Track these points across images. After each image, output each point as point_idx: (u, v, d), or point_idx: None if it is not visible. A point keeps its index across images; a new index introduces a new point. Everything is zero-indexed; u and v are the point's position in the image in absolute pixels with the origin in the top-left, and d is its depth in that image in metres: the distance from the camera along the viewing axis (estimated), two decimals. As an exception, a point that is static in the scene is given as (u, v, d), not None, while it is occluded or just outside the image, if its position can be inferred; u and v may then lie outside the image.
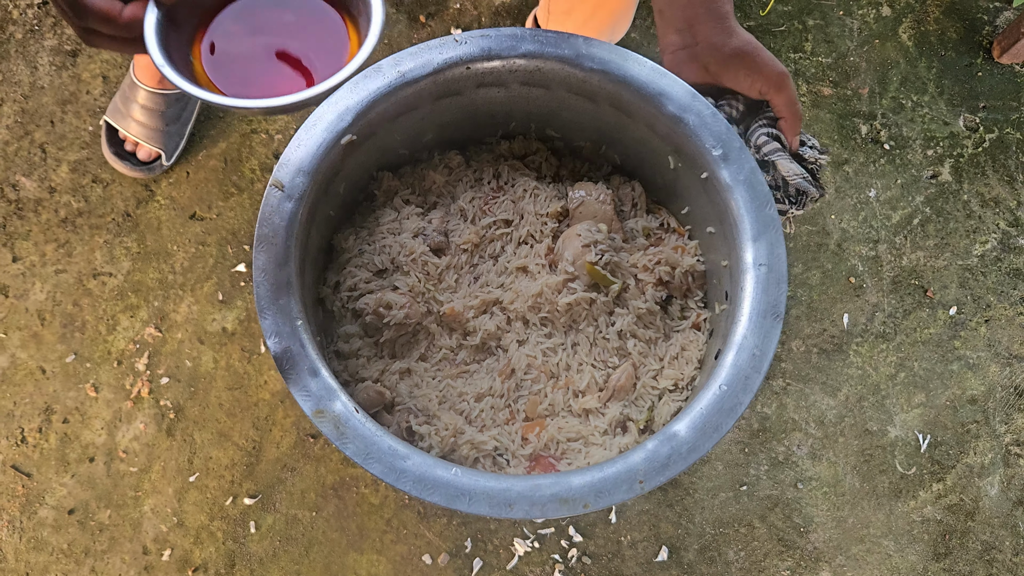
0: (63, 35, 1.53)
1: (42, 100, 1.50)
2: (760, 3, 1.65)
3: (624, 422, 0.81)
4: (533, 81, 0.83)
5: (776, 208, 0.76)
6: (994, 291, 1.52)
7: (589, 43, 0.80)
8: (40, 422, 1.37)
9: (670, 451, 0.68)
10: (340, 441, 0.67)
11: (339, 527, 1.35)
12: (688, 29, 0.79)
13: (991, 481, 1.43)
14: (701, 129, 0.78)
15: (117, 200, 1.47)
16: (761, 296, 0.73)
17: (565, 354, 0.83)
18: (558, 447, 0.79)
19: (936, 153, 1.59)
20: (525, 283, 0.84)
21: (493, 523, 1.36)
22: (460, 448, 0.77)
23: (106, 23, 0.55)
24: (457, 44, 0.80)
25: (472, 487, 0.66)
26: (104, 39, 0.56)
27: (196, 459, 1.37)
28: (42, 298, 1.42)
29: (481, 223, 0.87)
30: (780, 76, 0.78)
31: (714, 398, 0.70)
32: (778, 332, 0.72)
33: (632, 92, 0.80)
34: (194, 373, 1.40)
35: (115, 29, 0.56)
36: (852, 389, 1.46)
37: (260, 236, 0.73)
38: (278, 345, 0.69)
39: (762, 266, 0.73)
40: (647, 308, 0.84)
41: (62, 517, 1.34)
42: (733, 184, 0.76)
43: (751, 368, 0.71)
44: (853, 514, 1.40)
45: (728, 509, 1.39)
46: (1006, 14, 1.67)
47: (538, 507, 0.66)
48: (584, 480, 0.67)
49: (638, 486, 0.67)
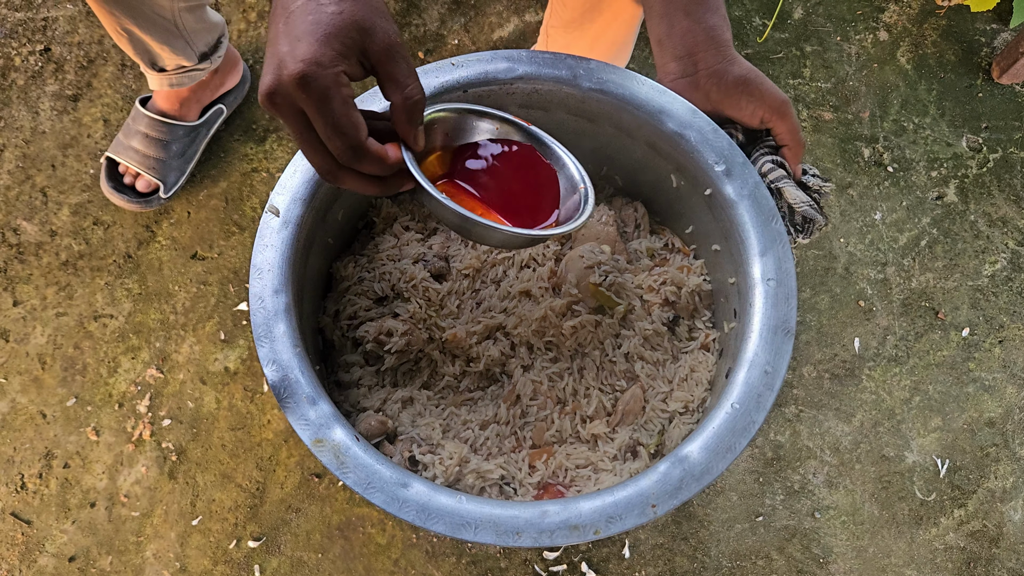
0: (64, 80, 1.54)
1: (43, 145, 1.51)
2: (757, 31, 1.65)
3: (634, 447, 0.79)
4: (531, 103, 0.82)
5: (782, 222, 0.74)
6: (1006, 311, 1.50)
7: (586, 63, 0.80)
8: (40, 467, 1.35)
9: (682, 473, 0.65)
10: (340, 471, 0.65)
11: (346, 568, 1.31)
12: (688, 57, 0.78)
13: (1014, 506, 1.39)
14: (703, 145, 0.77)
15: (118, 242, 1.46)
16: (771, 311, 0.71)
17: (572, 379, 0.81)
18: (567, 474, 0.77)
19: (940, 174, 1.58)
20: (528, 307, 0.83)
21: (503, 561, 1.33)
22: (465, 477, 0.75)
23: (379, 164, 0.59)
24: (454, 68, 0.80)
25: (477, 515, 0.63)
26: (354, 176, 0.61)
27: (199, 502, 1.34)
28: (43, 342, 1.40)
29: (482, 248, 0.85)
30: (782, 104, 0.78)
31: (726, 418, 0.67)
32: (790, 348, 0.70)
33: (632, 111, 0.79)
34: (196, 414, 1.38)
35: (383, 169, 0.60)
36: (867, 414, 1.43)
37: (256, 263, 0.71)
38: (275, 373, 0.68)
39: (771, 280, 0.72)
40: (654, 329, 0.82)
41: (63, 565, 1.31)
42: (738, 199, 0.75)
43: (763, 386, 0.68)
44: (873, 543, 1.36)
45: (745, 541, 1.36)
46: (1003, 35, 1.68)
47: (547, 534, 0.63)
48: (594, 505, 0.64)
49: (651, 511, 0.64)
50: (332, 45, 0.55)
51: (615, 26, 1.21)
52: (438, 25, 1.63)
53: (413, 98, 0.60)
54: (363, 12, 0.57)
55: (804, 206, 0.79)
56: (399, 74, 0.59)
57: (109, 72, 1.56)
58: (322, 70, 0.54)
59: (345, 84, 0.56)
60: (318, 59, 0.54)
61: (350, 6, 0.56)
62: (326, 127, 0.56)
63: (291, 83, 0.54)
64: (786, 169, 0.81)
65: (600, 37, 1.24)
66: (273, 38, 0.57)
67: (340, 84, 0.55)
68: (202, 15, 1.27)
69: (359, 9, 0.57)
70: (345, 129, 0.56)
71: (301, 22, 0.55)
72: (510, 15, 1.64)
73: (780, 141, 0.81)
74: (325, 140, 0.57)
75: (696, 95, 0.79)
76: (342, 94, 0.56)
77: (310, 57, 0.54)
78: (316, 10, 0.56)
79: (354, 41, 0.56)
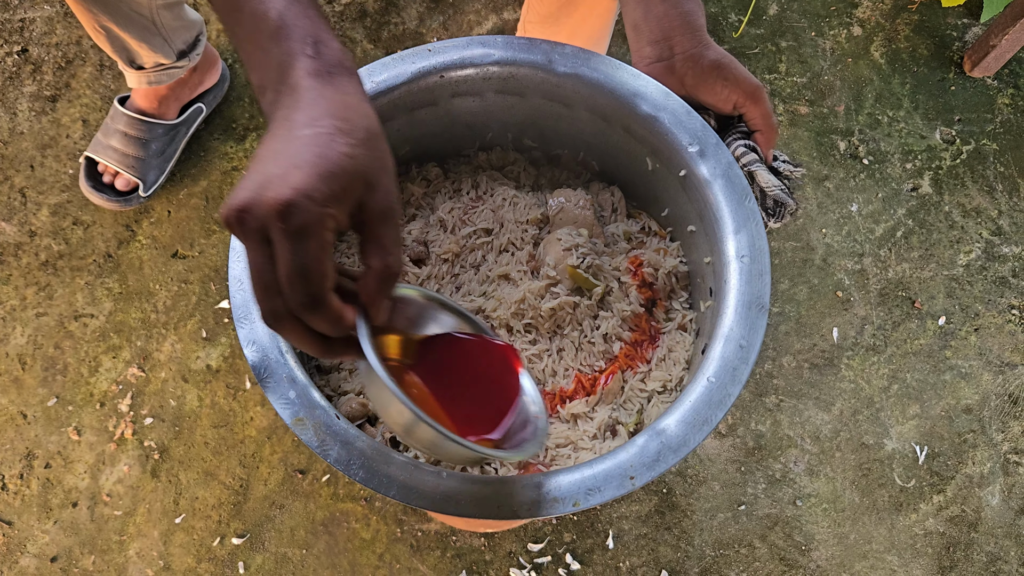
0: (42, 81, 1.54)
1: (22, 145, 1.50)
2: (732, 27, 1.67)
3: (614, 426, 0.79)
4: (508, 89, 0.83)
5: (755, 201, 0.75)
6: (981, 300, 1.52)
7: (561, 48, 0.81)
8: (21, 468, 1.34)
9: (659, 446, 0.66)
10: (321, 448, 0.65)
11: (330, 564, 1.31)
12: (664, 41, 0.80)
13: (991, 491, 1.41)
14: (677, 127, 0.78)
15: (98, 241, 1.46)
16: (745, 288, 0.72)
17: (551, 360, 0.82)
18: (547, 454, 0.78)
19: (915, 166, 1.60)
20: (508, 290, 0.83)
21: (488, 553, 1.33)
22: (447, 458, 0.75)
23: (333, 323, 0.52)
24: (430, 53, 0.81)
25: (459, 490, 0.64)
26: (300, 329, 0.52)
27: (182, 500, 1.33)
28: (23, 342, 1.40)
29: (461, 233, 0.86)
30: (756, 89, 0.79)
31: (702, 391, 0.68)
32: (764, 323, 0.71)
33: (606, 94, 0.80)
34: (178, 412, 1.38)
35: (335, 329, 0.52)
36: (846, 403, 1.44)
37: (234, 247, 0.72)
38: (255, 354, 0.68)
39: (744, 257, 0.73)
40: (631, 310, 0.83)
41: (44, 565, 1.30)
42: (711, 179, 0.76)
43: (739, 360, 0.69)
44: (854, 530, 1.38)
45: (727, 530, 1.37)
46: (974, 29, 1.70)
47: (526, 507, 0.64)
48: (573, 478, 0.65)
49: (629, 482, 0.65)
50: (331, 185, 0.48)
51: (591, 20, 1.23)
52: (417, 23, 1.64)
53: (393, 268, 0.53)
54: (373, 165, 0.51)
55: (776, 190, 0.80)
56: (387, 239, 0.53)
57: (87, 72, 1.55)
58: (313, 205, 0.47)
59: (330, 229, 0.49)
60: (311, 193, 0.47)
61: (363, 154, 0.50)
62: (291, 267, 0.48)
63: (272, 207, 0.46)
64: (758, 153, 0.82)
65: (577, 31, 1.25)
66: (263, 156, 0.50)
67: (324, 227, 0.48)
68: (180, 12, 1.27)
69: (371, 161, 0.51)
70: (312, 276, 0.49)
71: (305, 151, 0.49)
72: (488, 12, 1.65)
73: (753, 126, 0.82)
74: (284, 281, 0.49)
75: (671, 79, 0.81)
76: (323, 237, 0.48)
77: (304, 188, 0.47)
78: (326, 145, 0.49)
79: (355, 191, 0.50)
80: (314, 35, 0.54)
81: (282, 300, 0.50)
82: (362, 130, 0.51)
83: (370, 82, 0.79)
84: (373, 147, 0.51)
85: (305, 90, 0.52)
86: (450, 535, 1.33)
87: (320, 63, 0.53)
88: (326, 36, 0.55)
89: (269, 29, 0.54)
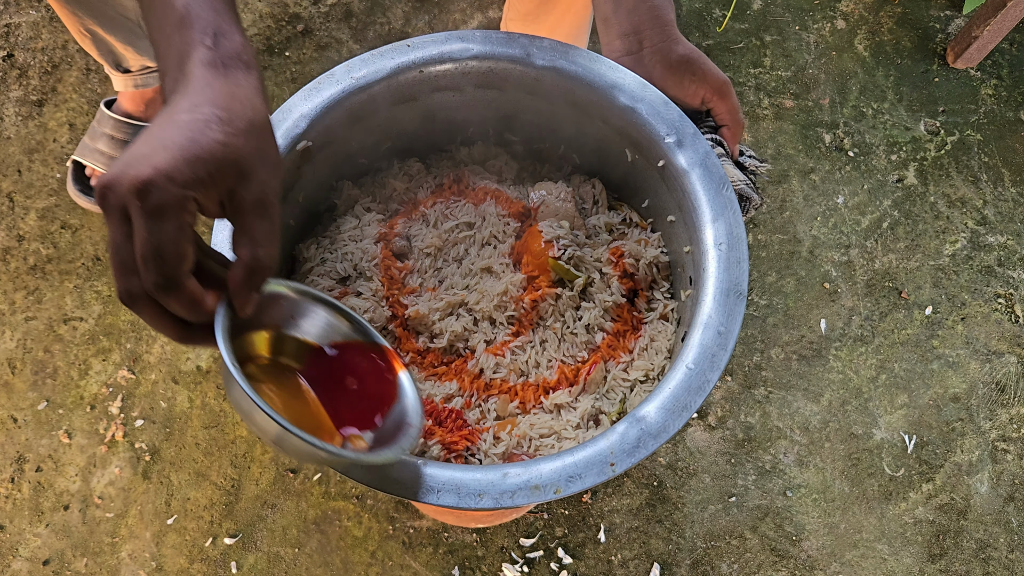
0: (28, 86, 1.54)
1: (9, 150, 1.50)
2: (716, 21, 1.68)
3: (596, 415, 0.80)
4: (487, 83, 0.84)
5: (732, 189, 0.76)
6: (968, 289, 1.53)
7: (539, 42, 0.81)
8: (12, 472, 1.34)
9: (639, 432, 0.67)
10: (304, 440, 0.65)
11: (323, 562, 1.32)
12: (634, 35, 0.80)
13: (980, 478, 1.41)
14: (654, 118, 0.79)
15: (86, 245, 1.46)
16: (723, 275, 0.72)
17: (534, 351, 0.82)
18: (531, 444, 0.78)
19: (900, 158, 1.61)
20: (490, 283, 0.84)
21: (480, 549, 1.33)
22: (431, 449, 0.76)
23: (190, 307, 0.51)
24: (409, 49, 0.81)
25: (440, 478, 0.64)
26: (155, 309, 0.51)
27: (174, 501, 1.34)
28: (12, 346, 1.40)
29: (443, 227, 0.87)
30: (723, 84, 0.80)
31: (682, 378, 0.69)
32: (742, 310, 0.71)
33: (585, 87, 0.81)
34: (169, 414, 1.38)
35: (192, 314, 0.51)
36: (834, 394, 1.45)
37: (217, 243, 0.72)
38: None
39: (722, 245, 0.73)
40: (613, 301, 0.83)
41: (37, 569, 1.30)
42: (689, 168, 0.77)
43: (717, 346, 0.70)
44: (845, 520, 1.38)
45: (718, 522, 1.37)
46: (957, 21, 1.71)
47: (508, 495, 0.64)
48: (554, 466, 0.65)
49: (609, 469, 0.65)
50: (196, 169, 0.48)
51: (569, 17, 1.24)
52: (403, 23, 1.64)
53: (262, 261, 0.53)
54: (249, 155, 0.51)
55: (741, 184, 0.81)
56: (258, 232, 0.52)
57: (74, 77, 1.56)
58: (172, 186, 0.47)
59: (190, 212, 0.49)
60: (172, 174, 0.47)
61: (240, 144, 0.50)
62: (146, 247, 0.47)
63: (130, 185, 0.46)
64: (724, 148, 0.83)
65: (556, 28, 1.26)
66: (140, 138, 0.50)
67: (183, 209, 0.48)
68: (165, 15, 1.27)
69: (247, 151, 0.51)
70: (167, 256, 0.48)
71: (178, 134, 0.49)
72: (474, 11, 1.65)
73: (720, 121, 0.83)
74: (139, 260, 0.48)
75: (640, 73, 0.81)
76: (180, 219, 0.48)
77: (166, 169, 0.47)
78: (199, 131, 0.49)
79: (224, 179, 0.50)
80: (216, 27, 0.55)
81: (138, 279, 0.49)
82: (243, 120, 0.51)
83: (350, 78, 0.80)
84: (253, 138, 0.52)
85: (195, 78, 0.52)
86: (442, 531, 1.33)
87: (216, 54, 0.54)
88: (228, 29, 0.55)
89: (175, 18, 0.55)
